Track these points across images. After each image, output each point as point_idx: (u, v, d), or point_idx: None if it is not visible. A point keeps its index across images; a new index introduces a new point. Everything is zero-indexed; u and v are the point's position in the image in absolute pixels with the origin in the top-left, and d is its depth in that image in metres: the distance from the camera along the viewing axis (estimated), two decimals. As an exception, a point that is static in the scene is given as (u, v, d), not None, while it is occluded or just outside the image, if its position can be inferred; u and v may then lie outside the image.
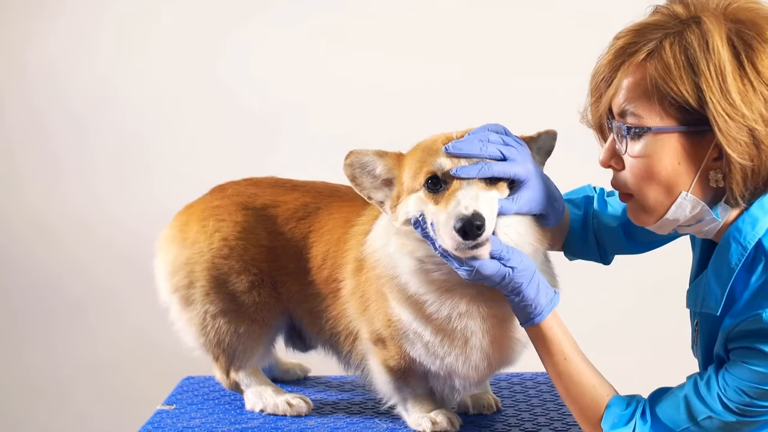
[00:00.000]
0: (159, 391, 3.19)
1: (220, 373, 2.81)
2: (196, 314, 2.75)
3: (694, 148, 2.01)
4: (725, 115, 1.94)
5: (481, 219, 2.10)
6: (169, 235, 2.84)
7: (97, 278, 4.43)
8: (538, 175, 2.28)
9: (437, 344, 2.37)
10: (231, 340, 2.73)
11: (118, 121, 4.36)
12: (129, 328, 4.41)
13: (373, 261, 2.44)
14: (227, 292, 2.72)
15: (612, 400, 2.20)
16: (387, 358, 2.51)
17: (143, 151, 4.37)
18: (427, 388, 2.56)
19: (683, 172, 2.03)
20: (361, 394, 2.90)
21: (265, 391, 2.77)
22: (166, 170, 4.35)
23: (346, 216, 2.65)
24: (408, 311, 2.38)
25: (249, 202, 2.77)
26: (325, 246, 2.65)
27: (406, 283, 2.34)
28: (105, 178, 4.39)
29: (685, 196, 2.04)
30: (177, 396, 2.94)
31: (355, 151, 2.34)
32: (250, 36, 4.31)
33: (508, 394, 2.88)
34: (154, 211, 3.92)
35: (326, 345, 2.77)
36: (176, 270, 2.77)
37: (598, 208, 2.54)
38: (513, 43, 4.19)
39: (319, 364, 2.96)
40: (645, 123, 2.02)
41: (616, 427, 2.16)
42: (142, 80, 4.34)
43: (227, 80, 4.33)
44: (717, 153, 2.00)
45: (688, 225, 2.10)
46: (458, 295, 2.31)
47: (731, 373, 2.05)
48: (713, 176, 2.02)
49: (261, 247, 2.73)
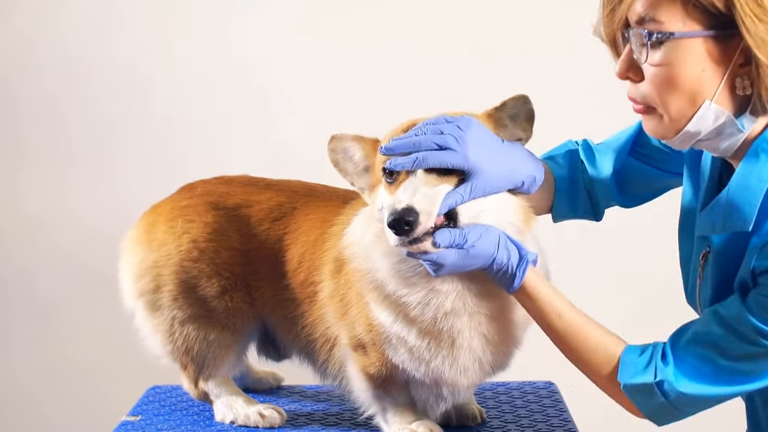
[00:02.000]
0: (123, 401, 3.10)
1: (189, 383, 2.74)
2: (163, 320, 2.69)
3: (720, 54, 1.97)
4: (753, 16, 1.90)
5: (412, 214, 2.06)
6: (134, 236, 2.77)
7: (58, 282, 4.36)
8: (489, 154, 2.19)
9: (423, 348, 2.32)
10: (200, 348, 2.67)
11: (76, 111, 4.29)
12: (91, 334, 4.35)
13: (349, 254, 2.40)
14: (196, 297, 2.66)
15: (625, 351, 2.15)
16: (367, 365, 2.45)
17: (107, 145, 4.30)
18: (408, 397, 2.49)
19: (707, 79, 1.98)
20: (338, 404, 2.84)
21: (236, 401, 2.71)
22: (132, 167, 4.28)
23: (323, 216, 2.60)
24: (387, 312, 2.32)
25: (220, 201, 2.72)
26: (302, 248, 2.60)
27: (383, 280, 2.29)
28: (66, 174, 4.32)
29: (709, 106, 2.00)
30: (142, 406, 2.88)
31: (337, 135, 2.32)
32: (227, 26, 4.26)
33: (493, 405, 2.82)
34: (118, 210, 3.91)
35: (301, 353, 2.71)
36: (142, 273, 2.71)
37: (585, 159, 2.50)
38: (506, 22, 4.17)
39: (294, 373, 2.91)
40: (667, 29, 1.97)
41: (634, 377, 2.11)
42: (106, 69, 4.27)
43: (199, 70, 4.26)
44: (744, 58, 1.96)
45: (707, 139, 2.05)
46: (443, 294, 2.26)
47: (763, 294, 1.98)
48: (740, 83, 1.98)
49: (233, 250, 2.67)
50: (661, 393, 2.09)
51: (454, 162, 2.16)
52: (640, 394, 2.12)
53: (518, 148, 2.28)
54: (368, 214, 2.37)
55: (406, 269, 2.26)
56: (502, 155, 2.23)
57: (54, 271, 4.36)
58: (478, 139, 2.20)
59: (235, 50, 4.25)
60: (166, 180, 3.02)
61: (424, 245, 2.10)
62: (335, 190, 2.71)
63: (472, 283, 2.25)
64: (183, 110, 4.27)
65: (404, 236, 2.07)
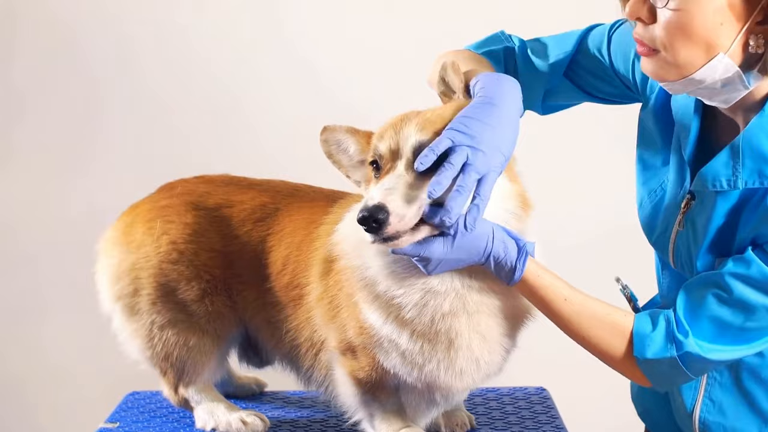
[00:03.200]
0: (101, 408, 3.10)
1: (168, 389, 2.72)
2: (141, 325, 2.67)
3: (741, 8, 1.97)
4: None
5: (383, 212, 2.01)
6: (111, 237, 2.74)
7: (33, 283, 4.33)
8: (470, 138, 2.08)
9: (416, 352, 2.27)
10: (180, 353, 2.65)
11: (53, 105, 4.24)
12: (67, 339, 4.32)
13: (339, 251, 2.36)
14: (176, 301, 2.63)
15: (636, 325, 2.16)
16: (356, 369, 2.41)
17: (82, 142, 4.26)
18: (397, 403, 2.45)
19: (725, 32, 1.99)
20: (323, 411, 2.82)
21: (218, 408, 2.69)
22: (109, 165, 4.24)
23: (308, 217, 2.56)
24: (377, 313, 2.27)
25: (200, 201, 2.69)
26: (286, 250, 2.56)
27: (374, 278, 2.24)
28: (38, 173, 4.28)
29: (722, 59, 2.00)
30: (121, 413, 2.86)
31: (329, 126, 2.28)
32: (205, 19, 4.22)
33: (483, 411, 2.80)
34: (95, 211, 3.88)
35: (285, 359, 2.68)
36: (120, 276, 2.68)
37: (521, 64, 2.48)
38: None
39: (277, 379, 2.88)
40: None
41: (654, 353, 2.13)
42: (81, 65, 4.23)
43: (176, 62, 4.22)
44: (762, 16, 1.97)
45: (708, 88, 2.07)
46: (441, 295, 2.20)
47: None
48: (755, 40, 1.99)
49: (214, 252, 2.64)
50: (684, 364, 2.11)
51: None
52: (659, 367, 2.14)
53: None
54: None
55: (401, 269, 2.20)
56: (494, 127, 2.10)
57: (27, 274, 4.34)
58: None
59: (215, 45, 4.22)
60: (144, 179, 2.98)
61: (398, 243, 2.06)
62: (320, 189, 2.68)
63: (473, 280, 2.20)
64: (163, 107, 4.24)
65: (374, 234, 2.03)
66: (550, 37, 2.51)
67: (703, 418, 2.27)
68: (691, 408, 2.28)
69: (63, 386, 4.35)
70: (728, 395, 2.25)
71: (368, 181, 2.24)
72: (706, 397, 2.27)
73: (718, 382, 2.25)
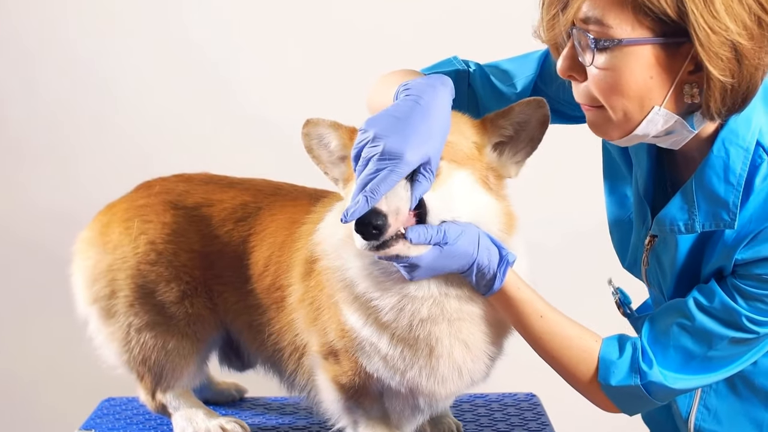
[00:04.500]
0: (76, 414, 3.05)
1: (145, 395, 2.70)
2: (118, 328, 2.65)
3: (669, 61, 1.96)
4: (707, 29, 1.88)
5: (380, 217, 1.98)
6: (87, 238, 2.72)
7: (6, 285, 4.30)
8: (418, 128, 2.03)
9: (397, 357, 2.24)
10: (158, 358, 2.63)
11: (25, 102, 4.20)
12: (42, 342, 4.30)
13: (320, 251, 2.33)
14: (154, 303, 2.62)
15: (602, 349, 2.18)
16: (339, 374, 2.38)
17: (58, 139, 4.23)
18: (381, 409, 2.42)
19: (655, 86, 1.98)
20: (305, 417, 2.82)
21: (196, 414, 2.67)
22: (84, 164, 4.21)
23: (290, 217, 2.54)
24: (357, 315, 2.25)
25: (179, 200, 2.67)
26: (268, 250, 2.54)
27: (353, 279, 2.22)
28: (9, 172, 4.25)
29: (658, 111, 2.00)
30: (96, 419, 2.85)
31: (312, 120, 2.25)
32: (182, 14, 4.20)
33: (471, 418, 2.78)
34: (69, 210, 3.86)
35: (267, 363, 2.66)
36: (96, 278, 2.67)
37: (479, 87, 2.45)
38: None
39: (258, 384, 2.87)
40: (614, 34, 1.94)
41: (618, 380, 2.15)
42: (58, 62, 4.19)
43: (158, 61, 4.19)
44: (693, 66, 1.96)
45: (656, 137, 2.07)
46: (418, 300, 2.18)
47: (750, 284, 2.06)
48: (688, 90, 1.99)
49: (193, 252, 2.62)
50: (647, 392, 2.13)
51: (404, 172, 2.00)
52: (623, 395, 2.15)
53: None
54: (342, 209, 2.25)
55: (379, 272, 2.18)
56: (422, 116, 2.05)
57: (4, 274, 4.32)
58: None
59: (194, 41, 4.20)
60: (121, 177, 2.95)
61: (393, 249, 2.03)
62: (303, 188, 2.66)
63: (451, 287, 2.17)
64: (141, 104, 4.21)
65: (373, 240, 2.00)
66: (508, 61, 2.48)
67: (699, 426, 2.27)
68: (687, 415, 2.28)
69: (36, 392, 4.34)
70: (724, 403, 2.25)
71: (347, 180, 2.23)
72: (702, 405, 2.27)
73: (714, 390, 2.25)
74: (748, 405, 2.23)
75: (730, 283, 2.07)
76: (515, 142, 2.19)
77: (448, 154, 2.09)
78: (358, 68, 3.99)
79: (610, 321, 2.57)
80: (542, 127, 2.18)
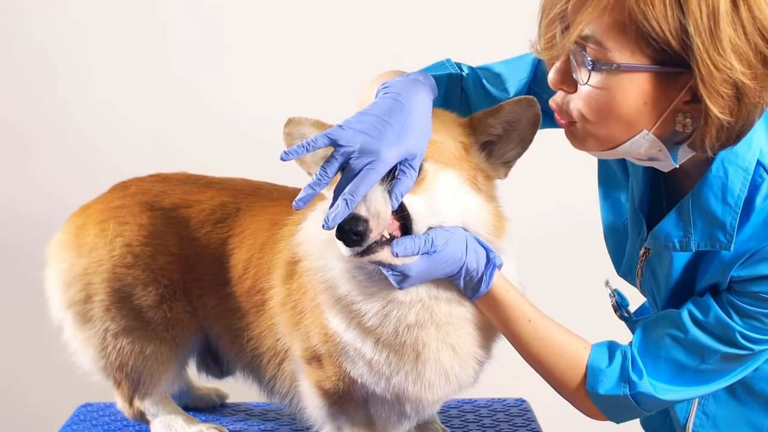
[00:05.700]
0: (51, 421, 3.05)
1: (123, 401, 2.70)
2: (94, 333, 2.63)
3: (665, 89, 1.93)
4: (711, 65, 1.85)
5: (360, 223, 1.96)
6: (62, 240, 2.70)
7: None
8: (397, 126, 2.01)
9: (382, 362, 2.22)
10: (135, 363, 2.62)
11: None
12: (16, 347, 4.26)
13: (302, 252, 2.31)
14: (131, 308, 2.60)
15: (591, 357, 2.17)
16: (322, 380, 2.36)
17: (28, 137, 4.18)
18: (366, 416, 2.40)
19: (648, 111, 1.95)
20: (287, 423, 2.80)
21: (175, 420, 2.67)
22: (57, 163, 4.17)
23: (271, 217, 2.53)
24: (339, 317, 2.23)
25: (156, 201, 2.66)
26: (248, 252, 2.52)
27: (335, 280, 2.19)
28: None
29: (645, 135, 1.98)
30: (72, 426, 2.84)
31: (294, 119, 2.22)
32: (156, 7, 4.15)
33: (459, 424, 2.77)
34: (43, 211, 3.77)
35: (246, 369, 2.65)
36: (71, 282, 2.65)
37: (471, 91, 2.41)
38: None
39: (239, 390, 2.84)
40: (613, 58, 1.91)
41: (607, 389, 2.14)
42: (27, 53, 4.14)
43: (130, 56, 4.14)
44: (690, 96, 1.92)
45: (638, 159, 2.07)
46: (405, 305, 2.15)
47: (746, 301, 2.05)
48: (681, 119, 1.95)
49: (171, 255, 2.61)
50: (636, 403, 2.12)
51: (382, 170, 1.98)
52: (611, 404, 2.15)
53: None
54: (325, 209, 2.22)
55: (363, 277, 2.16)
56: (404, 112, 2.03)
57: None
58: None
59: (170, 37, 4.15)
60: (96, 178, 2.94)
61: (378, 255, 2.00)
62: (284, 188, 2.64)
63: (440, 290, 2.15)
64: (116, 101, 4.17)
65: (356, 246, 1.98)
66: (501, 64, 2.45)
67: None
68: (685, 421, 2.27)
69: (9, 398, 4.30)
70: (723, 409, 2.24)
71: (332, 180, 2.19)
72: (700, 411, 2.26)
73: (713, 395, 2.23)
74: (748, 410, 2.21)
75: (726, 299, 2.07)
76: (504, 141, 2.16)
77: (433, 155, 2.06)
78: (342, 66, 4.07)
79: (601, 324, 2.59)
80: (533, 127, 2.14)
